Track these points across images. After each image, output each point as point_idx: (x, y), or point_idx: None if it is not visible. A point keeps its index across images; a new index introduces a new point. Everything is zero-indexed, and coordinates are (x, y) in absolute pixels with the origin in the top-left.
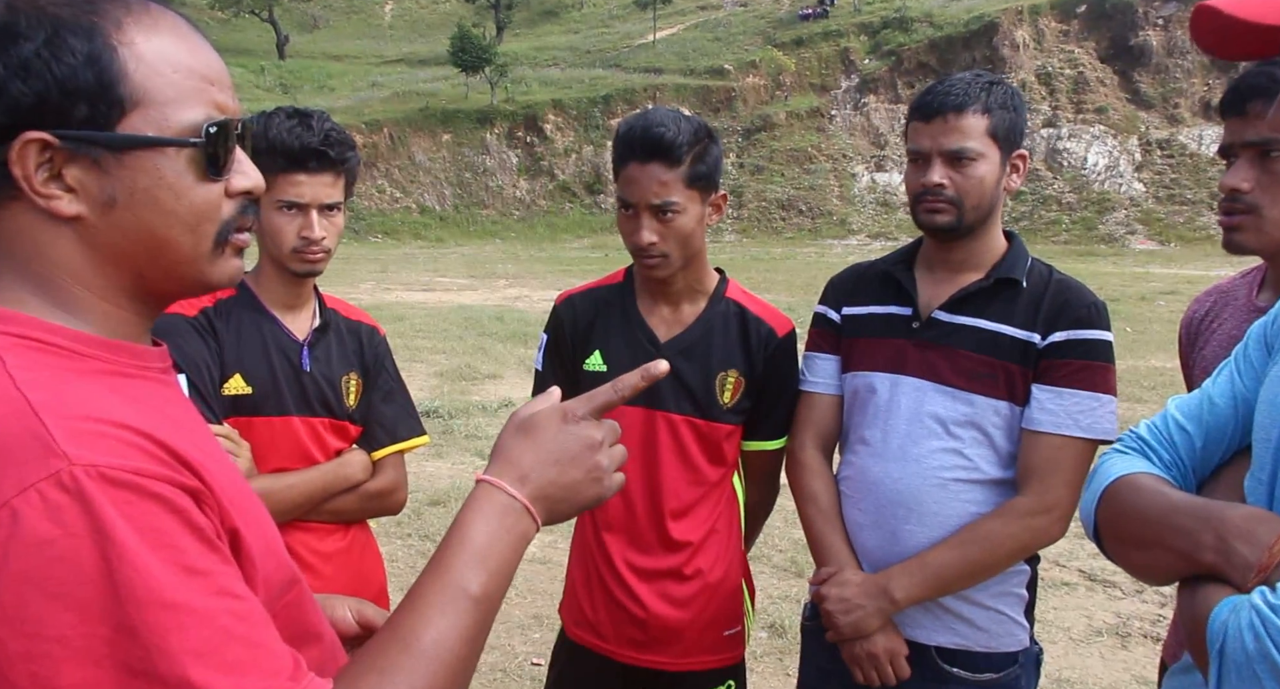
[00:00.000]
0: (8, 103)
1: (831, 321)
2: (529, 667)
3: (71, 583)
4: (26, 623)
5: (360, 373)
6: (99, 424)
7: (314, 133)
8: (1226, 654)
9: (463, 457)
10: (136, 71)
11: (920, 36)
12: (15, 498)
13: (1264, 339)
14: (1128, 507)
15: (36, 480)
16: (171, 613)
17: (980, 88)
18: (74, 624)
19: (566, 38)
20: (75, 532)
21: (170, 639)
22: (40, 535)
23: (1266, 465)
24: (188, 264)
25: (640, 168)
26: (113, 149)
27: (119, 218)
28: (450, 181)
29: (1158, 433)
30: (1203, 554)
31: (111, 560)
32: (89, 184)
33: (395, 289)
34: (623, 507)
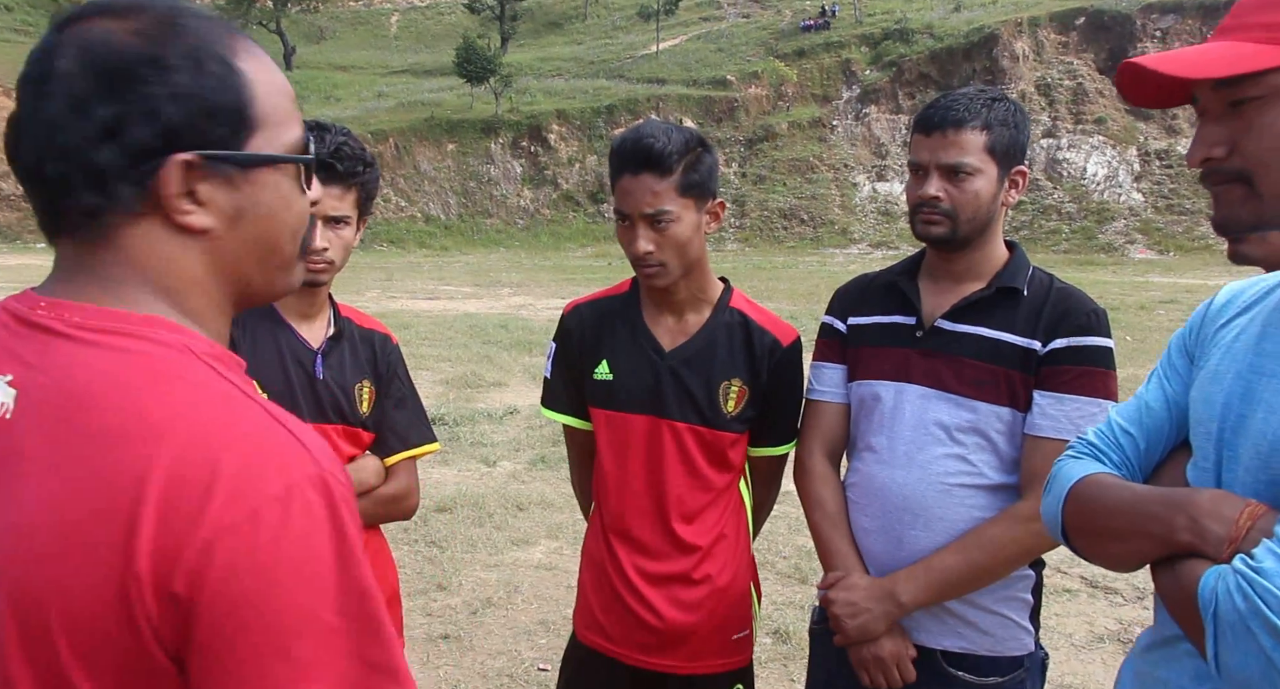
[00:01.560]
0: (162, 126)
1: (838, 331)
2: (535, 672)
3: (320, 572)
4: (286, 600)
5: (373, 381)
6: (318, 439)
7: (325, 145)
8: (1220, 616)
9: (469, 464)
10: (259, 94)
11: (921, 48)
12: (284, 493)
13: (1184, 348)
14: (1097, 503)
15: (299, 479)
16: (377, 604)
17: (982, 104)
18: (315, 607)
19: (570, 48)
20: (322, 529)
21: (384, 629)
22: (303, 528)
23: (1210, 454)
24: (284, 270)
25: (633, 179)
26: (243, 166)
27: (243, 230)
28: (455, 191)
29: (1105, 438)
30: (1179, 535)
31: (345, 557)
32: (219, 199)
33: (401, 297)
34: (630, 512)
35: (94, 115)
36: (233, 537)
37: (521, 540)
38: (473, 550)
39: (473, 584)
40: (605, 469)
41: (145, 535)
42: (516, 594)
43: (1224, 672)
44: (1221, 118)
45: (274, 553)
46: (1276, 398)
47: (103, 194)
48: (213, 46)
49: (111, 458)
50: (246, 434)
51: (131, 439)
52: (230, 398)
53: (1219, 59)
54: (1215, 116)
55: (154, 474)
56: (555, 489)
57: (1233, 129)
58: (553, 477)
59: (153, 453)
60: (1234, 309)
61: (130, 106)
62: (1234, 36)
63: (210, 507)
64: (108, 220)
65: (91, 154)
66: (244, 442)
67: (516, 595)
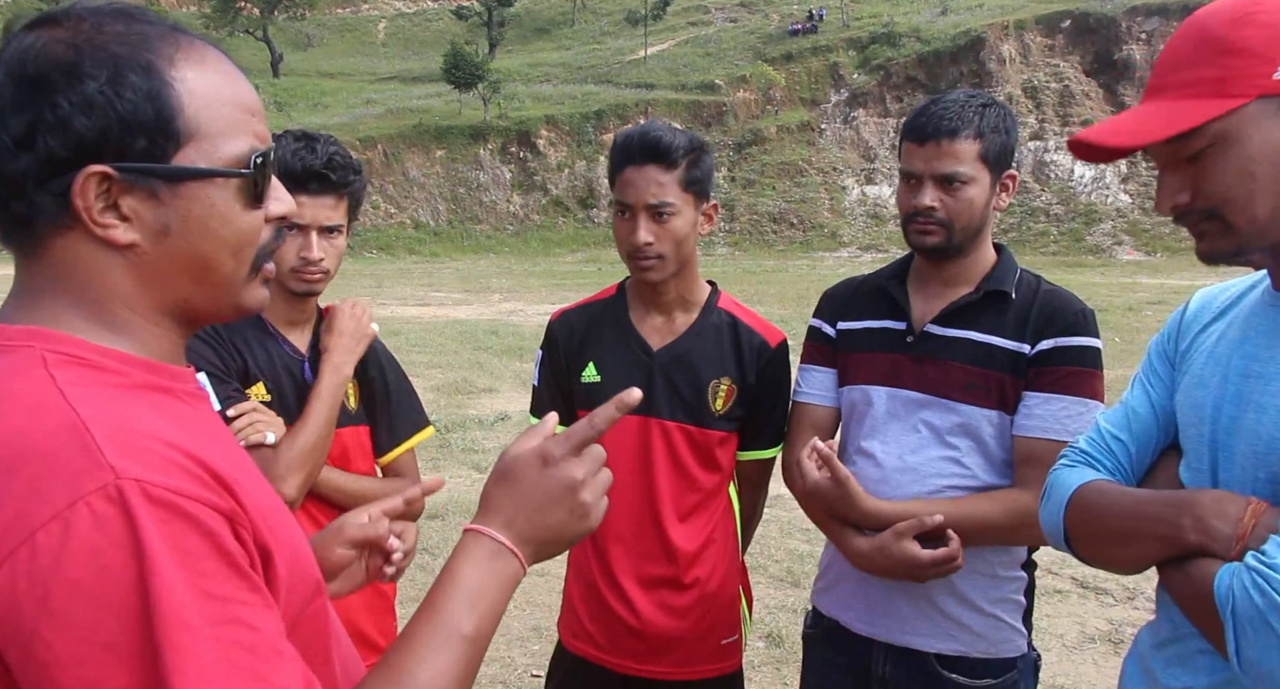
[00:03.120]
0: (73, 138)
1: (826, 336)
2: (528, 679)
3: (115, 592)
4: (78, 628)
5: (356, 377)
6: (144, 440)
7: (317, 155)
8: (1239, 613)
9: (460, 470)
10: (190, 106)
11: (908, 51)
12: (66, 509)
13: (1164, 354)
14: (1099, 508)
15: (86, 493)
16: (186, 633)
17: (974, 111)
18: (119, 631)
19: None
20: (118, 544)
21: (182, 658)
22: (90, 545)
23: (1204, 457)
24: (227, 287)
25: (637, 170)
26: (168, 180)
27: (171, 245)
28: (444, 197)
29: (1096, 444)
30: (1186, 536)
31: (146, 575)
32: (144, 213)
33: (390, 304)
34: (619, 515)
35: (9, 124)
36: (11, 566)
37: None
38: None
39: None
40: None
41: None
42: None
43: (1245, 666)
44: (1177, 167)
45: (57, 578)
46: (1265, 399)
47: (25, 204)
48: (142, 55)
49: None
50: (30, 448)
51: None
52: (38, 407)
53: (1155, 125)
54: (1171, 167)
55: None
56: None
57: (1190, 175)
58: None
59: None
60: (1209, 314)
61: (40, 116)
62: (1163, 96)
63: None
64: (38, 230)
65: (7, 163)
66: (26, 458)
67: (509, 602)
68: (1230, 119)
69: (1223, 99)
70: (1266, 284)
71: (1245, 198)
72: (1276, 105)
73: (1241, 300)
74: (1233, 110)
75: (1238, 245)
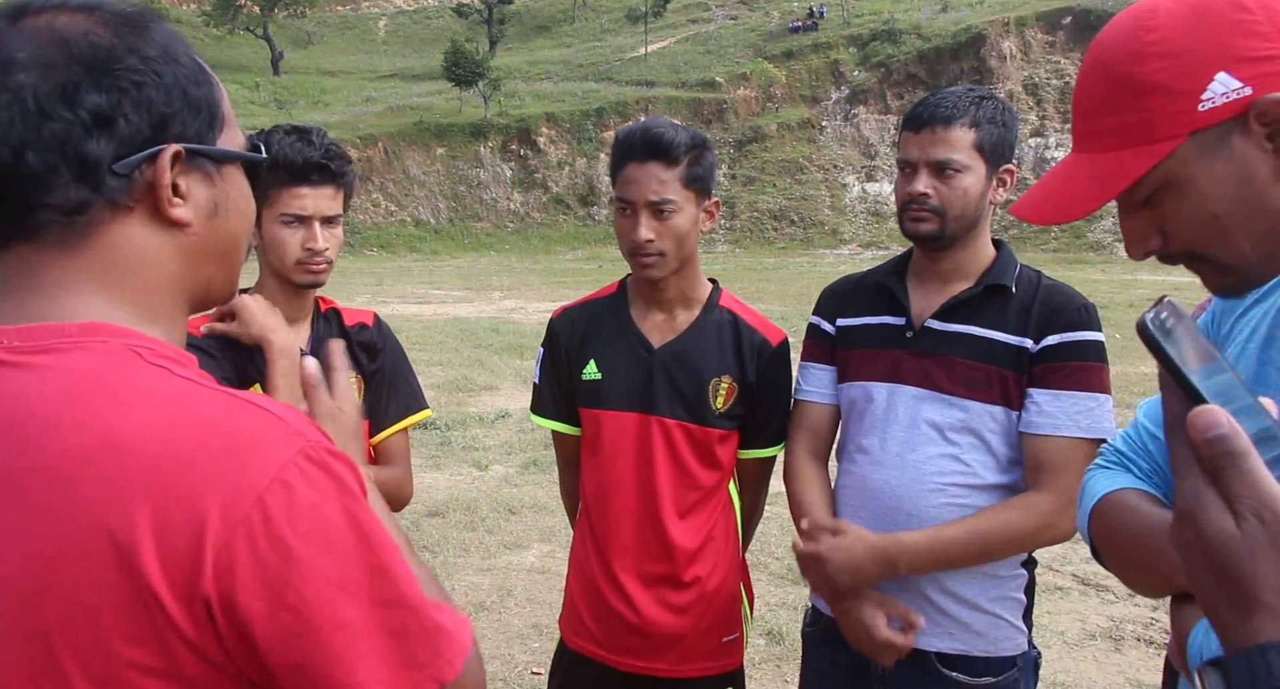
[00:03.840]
0: (155, 115)
1: (825, 333)
2: (529, 676)
3: (338, 538)
4: (319, 574)
5: (357, 369)
6: (287, 408)
7: (315, 147)
8: (1207, 680)
9: (460, 468)
10: (223, 93)
11: (909, 48)
12: (280, 472)
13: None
14: (1114, 528)
15: (291, 455)
16: (395, 554)
17: (970, 102)
18: (345, 570)
19: (559, 52)
20: (329, 495)
21: (405, 573)
22: (311, 500)
23: None
24: (238, 269)
25: (639, 167)
26: (217, 161)
27: (216, 225)
28: (445, 195)
29: (1133, 444)
30: (1176, 578)
31: (357, 517)
32: (198, 193)
33: (391, 302)
34: (619, 513)
35: (85, 103)
36: (247, 528)
37: (514, 544)
38: (465, 555)
39: (465, 588)
40: (594, 469)
41: (147, 552)
42: (509, 598)
43: None
44: (1135, 211)
45: (294, 532)
46: None
47: (92, 187)
48: (180, 43)
49: (77, 485)
50: (216, 427)
51: (95, 461)
52: (186, 394)
53: (1090, 189)
54: (1129, 211)
55: (132, 493)
56: (547, 493)
57: (1152, 218)
58: (545, 480)
59: (121, 473)
60: (1251, 296)
61: (123, 95)
62: (1091, 147)
63: (211, 507)
64: (90, 218)
65: (84, 144)
66: (216, 436)
67: (509, 599)
68: (1169, 163)
69: (1154, 144)
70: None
71: (1221, 239)
72: (1215, 136)
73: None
74: (1165, 156)
75: (1241, 280)
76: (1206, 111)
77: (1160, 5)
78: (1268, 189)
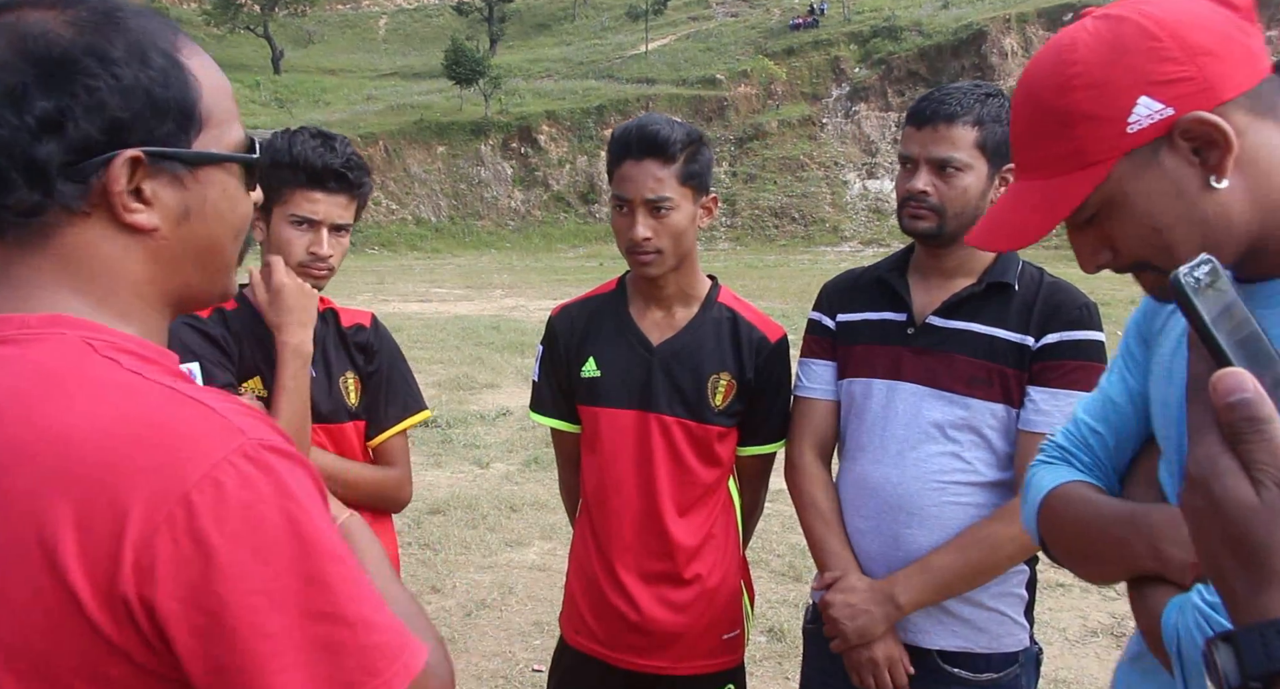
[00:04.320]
0: (108, 120)
1: (826, 329)
2: (530, 673)
3: (270, 541)
4: (242, 579)
5: (355, 371)
6: (243, 407)
7: (337, 154)
8: (1185, 656)
9: (462, 465)
10: (203, 92)
11: (910, 45)
12: (213, 470)
13: (1140, 335)
14: (1063, 521)
15: (227, 453)
16: (341, 564)
17: (975, 100)
18: (274, 577)
19: (559, 49)
20: (265, 496)
21: (347, 586)
22: (243, 500)
23: (1174, 459)
24: (223, 272)
25: (635, 165)
26: (190, 164)
27: (189, 229)
28: (445, 193)
29: (1074, 439)
30: (1141, 562)
31: (296, 521)
32: (166, 197)
33: (392, 300)
34: (619, 510)
35: (34, 108)
36: (170, 526)
37: (515, 542)
38: (466, 552)
39: (466, 586)
40: (594, 467)
41: (68, 548)
42: (510, 595)
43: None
44: (1081, 230)
45: (220, 532)
46: None
47: (43, 191)
48: (156, 41)
49: (14, 478)
50: (151, 422)
51: (34, 454)
52: (128, 388)
53: (1036, 218)
54: (1077, 230)
55: (64, 486)
56: (548, 490)
57: (1098, 236)
58: (546, 477)
59: (57, 465)
60: None
61: (73, 99)
62: (1032, 175)
63: (135, 504)
64: (47, 220)
65: (31, 149)
66: (151, 430)
67: (510, 597)
68: (1107, 185)
69: (1089, 168)
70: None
71: (1164, 249)
72: (1145, 155)
73: None
74: (1103, 180)
75: None
76: (1135, 134)
77: (1079, 38)
78: (1199, 199)
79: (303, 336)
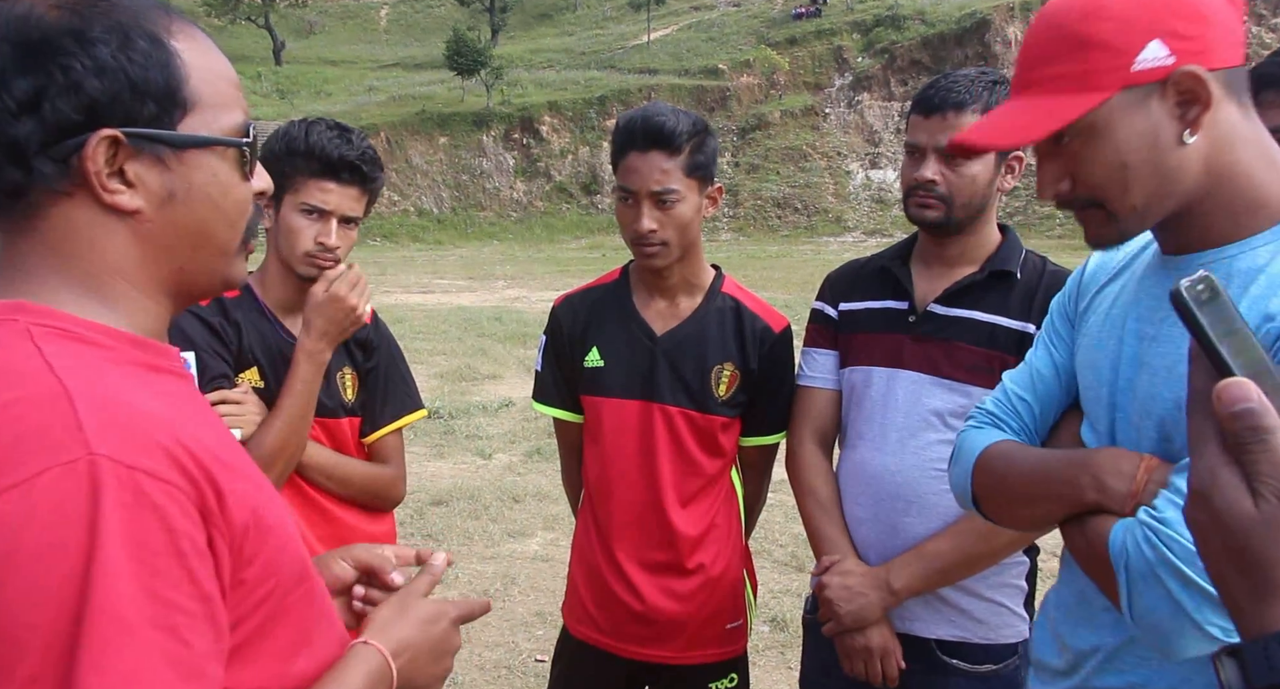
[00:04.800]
0: (84, 101)
1: (829, 317)
2: (533, 663)
3: (58, 572)
4: (8, 600)
5: (353, 367)
6: (130, 416)
7: (353, 147)
8: (1131, 568)
9: (464, 457)
10: (192, 76)
11: (913, 34)
12: (30, 479)
13: (1065, 314)
14: (1005, 470)
15: (54, 465)
16: (119, 630)
17: (983, 87)
18: (48, 612)
19: (561, 40)
20: (75, 522)
21: (105, 655)
22: (45, 519)
23: (1103, 418)
24: (221, 259)
25: (641, 157)
26: (175, 147)
27: (175, 213)
28: (447, 184)
29: (1003, 406)
30: (1085, 494)
31: (94, 560)
32: (149, 180)
33: (394, 291)
34: (622, 501)
35: (12, 88)
36: None
37: (518, 532)
38: (469, 543)
39: (469, 577)
40: (596, 457)
41: None
42: (513, 586)
43: (1137, 618)
44: (1053, 155)
45: (2, 544)
46: (1158, 360)
47: (23, 170)
48: (143, 23)
49: None
50: (11, 417)
51: None
52: (22, 378)
53: (1028, 125)
54: (1048, 156)
55: None
56: (551, 481)
57: (1066, 164)
58: (549, 468)
59: None
60: (1105, 275)
61: (49, 79)
62: (1031, 92)
63: None
64: (32, 200)
65: (9, 128)
66: (11, 428)
67: (513, 587)
68: (1098, 112)
69: (1087, 93)
70: (1155, 247)
71: (1120, 187)
72: (1139, 95)
73: (1135, 261)
74: (1099, 104)
75: (1120, 231)
76: (1137, 72)
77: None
78: (1169, 151)
79: (323, 348)
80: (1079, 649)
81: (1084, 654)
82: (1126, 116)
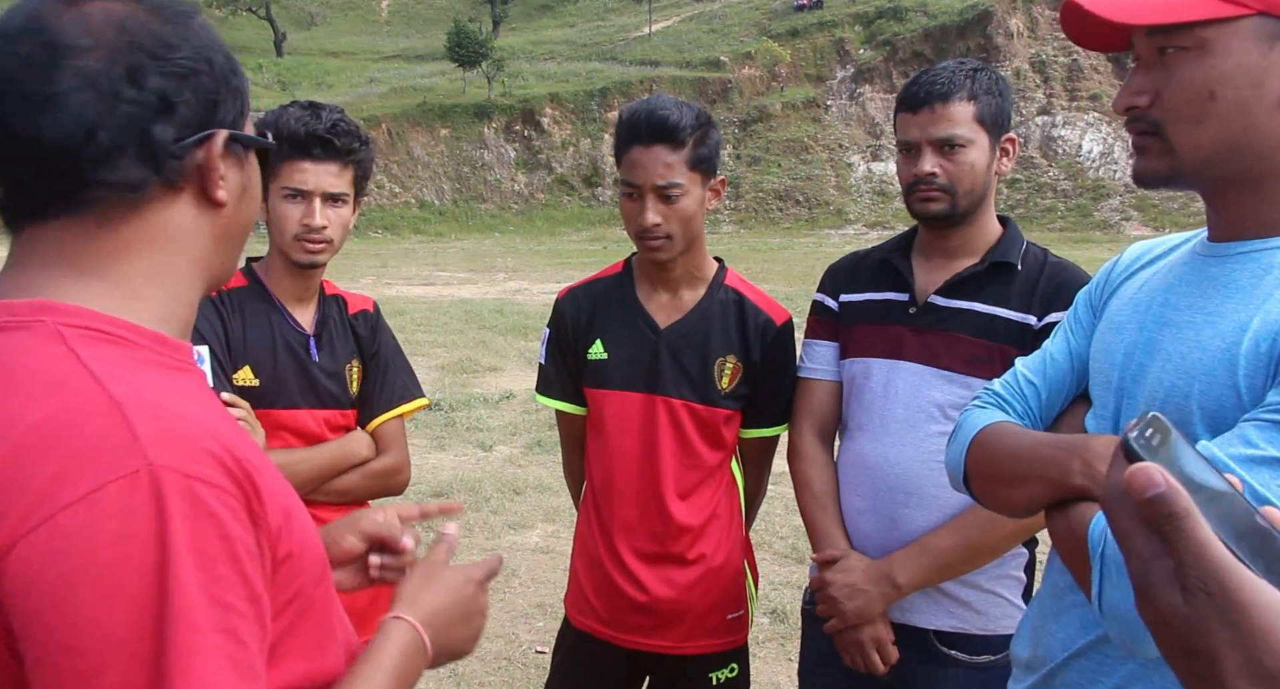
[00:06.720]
0: (207, 101)
1: (829, 309)
2: (533, 655)
3: (133, 585)
4: (85, 618)
5: (360, 359)
6: (178, 422)
7: (321, 121)
8: (1107, 556)
9: (465, 449)
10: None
11: (915, 26)
12: (92, 493)
13: (1089, 302)
14: (999, 449)
15: (115, 478)
16: (195, 634)
17: (964, 75)
18: (129, 625)
19: (562, 31)
20: (143, 536)
21: (187, 659)
22: (113, 533)
23: (1109, 404)
24: (240, 252)
25: (645, 151)
26: (245, 147)
27: (241, 207)
28: (449, 176)
29: (1010, 388)
30: (1073, 479)
31: (166, 571)
32: (231, 177)
33: (396, 284)
34: (623, 492)
35: (152, 87)
36: (26, 545)
37: (518, 524)
38: (469, 535)
39: None
40: (599, 449)
41: None
42: (514, 578)
43: (1105, 610)
44: (1151, 66)
45: (69, 565)
46: (1175, 347)
47: (153, 167)
48: (217, 34)
49: None
50: (59, 431)
51: None
52: (64, 387)
53: (1154, 6)
54: (1146, 65)
55: None
56: (552, 473)
57: (1158, 79)
58: (549, 460)
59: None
60: (1138, 263)
61: (183, 81)
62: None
63: (10, 513)
64: (145, 196)
65: (150, 125)
66: (56, 439)
67: (514, 579)
68: (1224, 27)
69: (1229, 2)
70: (1201, 237)
71: (1195, 117)
72: (1269, 29)
73: (1173, 253)
74: (1232, 19)
75: (1173, 168)
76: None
77: None
78: (1263, 101)
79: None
80: (1047, 644)
81: (1051, 649)
82: (1244, 46)
